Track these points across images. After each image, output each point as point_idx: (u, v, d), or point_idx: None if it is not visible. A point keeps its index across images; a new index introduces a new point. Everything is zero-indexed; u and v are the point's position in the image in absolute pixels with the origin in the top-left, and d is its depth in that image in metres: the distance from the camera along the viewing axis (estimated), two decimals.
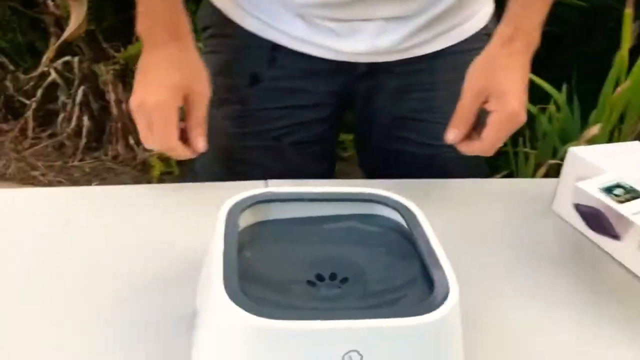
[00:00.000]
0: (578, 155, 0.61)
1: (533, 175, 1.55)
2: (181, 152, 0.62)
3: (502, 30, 0.65)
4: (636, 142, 0.63)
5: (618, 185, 0.54)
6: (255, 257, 0.44)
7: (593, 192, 0.53)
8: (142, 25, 0.63)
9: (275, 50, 0.73)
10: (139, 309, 0.46)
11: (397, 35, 0.71)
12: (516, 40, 0.63)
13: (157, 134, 0.60)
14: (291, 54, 0.73)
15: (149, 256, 0.53)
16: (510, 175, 1.63)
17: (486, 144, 0.62)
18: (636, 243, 0.53)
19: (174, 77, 0.61)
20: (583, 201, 0.59)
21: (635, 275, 0.54)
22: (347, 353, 0.35)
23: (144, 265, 0.51)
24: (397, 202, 0.49)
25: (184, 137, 0.63)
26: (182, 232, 0.57)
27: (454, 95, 0.73)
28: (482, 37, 0.76)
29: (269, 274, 0.43)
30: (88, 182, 1.81)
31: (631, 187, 0.53)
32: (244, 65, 0.75)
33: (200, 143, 0.63)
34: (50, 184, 1.81)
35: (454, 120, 0.64)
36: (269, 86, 0.75)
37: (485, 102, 0.62)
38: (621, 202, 0.52)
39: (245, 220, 0.47)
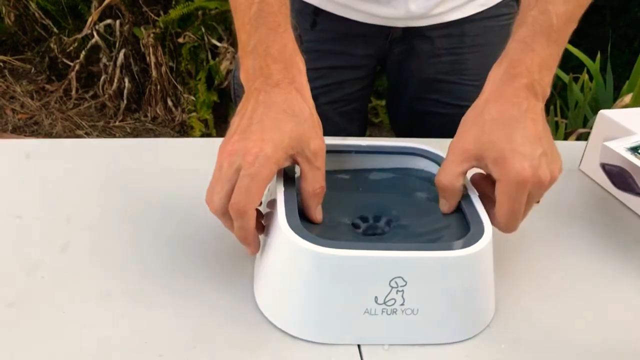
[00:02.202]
0: (608, 117, 0.65)
1: None
2: (251, 241, 0.46)
3: (493, 70, 0.50)
4: None
5: None
6: None
7: (619, 150, 0.57)
8: (252, 62, 0.49)
9: (317, 14, 0.78)
10: (205, 244, 0.52)
11: (430, 1, 0.74)
12: (513, 79, 0.48)
13: (247, 196, 0.43)
14: (331, 18, 0.77)
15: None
16: None
17: (501, 219, 0.46)
18: None
19: (289, 129, 0.45)
20: (609, 160, 0.63)
21: None
22: (393, 279, 0.41)
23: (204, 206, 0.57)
24: (436, 155, 0.53)
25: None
26: None
27: (482, 59, 0.78)
28: (510, 4, 0.80)
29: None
30: None
31: None
32: None
33: (319, 215, 0.47)
34: None
35: (440, 195, 0.49)
36: (310, 48, 0.79)
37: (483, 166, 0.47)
38: None
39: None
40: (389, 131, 0.98)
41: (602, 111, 0.65)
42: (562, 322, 0.47)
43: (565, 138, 1.61)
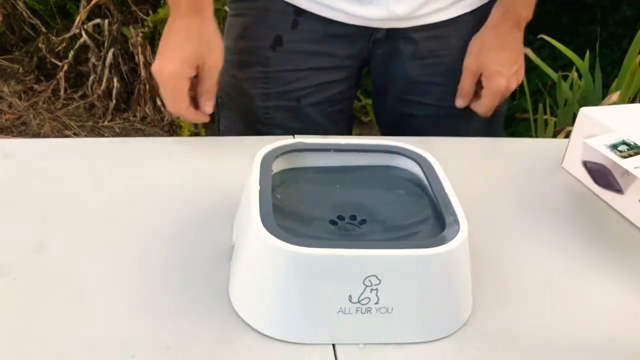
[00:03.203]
0: (589, 114, 0.64)
1: None
2: (191, 117, 0.70)
3: (493, 14, 0.76)
4: None
5: (623, 143, 0.58)
6: (284, 199, 0.50)
7: (599, 147, 0.57)
8: None
9: (298, 14, 0.77)
10: (182, 244, 0.52)
11: (414, 2, 0.74)
12: (504, 22, 0.75)
13: (169, 99, 0.68)
14: (313, 18, 0.76)
15: (189, 198, 0.58)
16: None
17: (481, 110, 0.79)
18: (638, 197, 0.57)
19: (188, 49, 0.67)
20: (590, 158, 0.63)
21: (634, 225, 0.58)
22: (367, 277, 0.40)
23: (186, 206, 0.57)
24: (415, 153, 0.53)
25: (196, 104, 0.71)
26: (219, 177, 0.62)
27: (464, 61, 0.78)
28: (492, 6, 0.79)
29: (296, 213, 0.49)
30: None
31: (635, 144, 0.57)
32: (268, 28, 0.78)
33: (208, 107, 0.71)
34: None
35: (458, 92, 0.80)
36: (291, 49, 0.79)
37: (480, 76, 0.77)
38: (624, 157, 0.55)
39: (277, 166, 0.52)
40: (378, 130, 0.98)
41: (583, 109, 0.65)
42: (540, 320, 0.47)
43: (554, 135, 1.61)
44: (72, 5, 2.03)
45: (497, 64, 0.76)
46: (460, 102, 0.80)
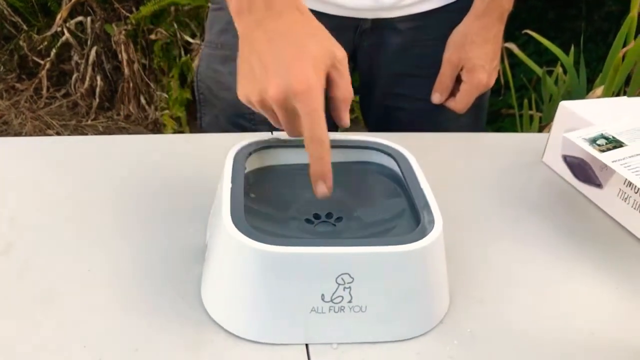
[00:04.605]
0: (568, 108, 0.64)
1: None
2: (329, 173, 0.46)
3: (476, 4, 0.74)
4: (623, 97, 0.66)
5: (602, 136, 0.57)
6: (259, 198, 0.49)
7: (578, 141, 0.57)
8: None
9: None
10: (154, 244, 0.51)
11: None
12: (488, 14, 0.73)
13: (312, 130, 0.44)
14: None
15: (162, 198, 0.57)
16: None
17: (458, 105, 0.75)
18: (616, 191, 0.57)
19: (313, 49, 0.45)
20: (570, 152, 0.62)
21: (614, 220, 0.58)
22: (339, 275, 0.40)
23: (158, 205, 0.56)
24: (391, 149, 0.52)
25: None
26: (198, 175, 0.61)
27: None
28: None
29: (271, 213, 0.48)
30: None
31: (613, 137, 0.57)
32: None
33: (347, 120, 0.49)
34: None
35: (436, 86, 0.76)
36: None
37: (461, 70, 0.74)
38: (603, 151, 0.55)
39: (251, 164, 0.51)
40: (364, 126, 0.98)
41: (562, 102, 0.64)
42: (517, 316, 0.46)
43: (540, 131, 1.62)
44: (54, 3, 2.01)
45: (480, 58, 0.73)
46: (436, 98, 0.76)
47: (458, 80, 0.75)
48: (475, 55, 0.73)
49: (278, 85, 0.43)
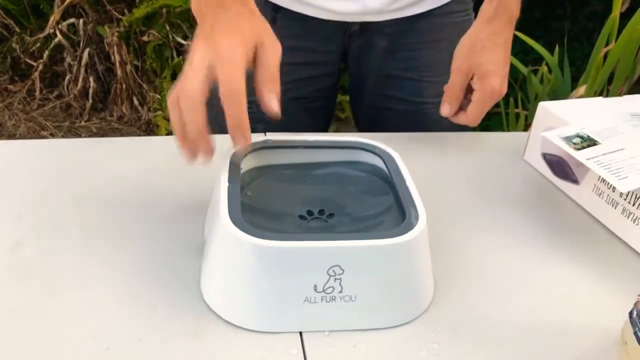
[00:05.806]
0: (546, 108, 0.67)
1: None
2: (246, 129, 0.50)
3: (485, 9, 0.70)
4: (599, 98, 0.70)
5: (577, 135, 0.61)
6: (255, 196, 0.52)
7: (555, 140, 0.60)
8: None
9: (276, 10, 0.79)
10: (154, 240, 0.54)
11: None
12: (498, 18, 0.69)
13: (226, 84, 0.48)
14: (290, 14, 0.78)
15: (165, 196, 0.60)
16: None
17: (471, 117, 0.70)
18: (591, 186, 0.60)
19: (244, 27, 0.51)
20: (549, 150, 0.65)
21: (589, 214, 0.61)
22: (331, 267, 0.43)
23: (157, 204, 0.58)
24: (378, 148, 0.55)
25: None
26: (191, 176, 0.63)
27: (438, 55, 0.80)
28: (465, 0, 0.82)
29: (266, 210, 0.50)
30: None
31: (588, 136, 0.60)
32: None
33: (274, 103, 0.51)
34: None
35: (445, 97, 0.71)
36: None
37: (471, 79, 0.69)
38: (578, 149, 0.58)
39: (247, 164, 0.54)
40: (354, 126, 1.00)
41: (541, 103, 0.68)
42: (498, 304, 0.49)
43: (526, 129, 1.65)
44: (46, 5, 2.02)
45: (492, 63, 0.68)
46: (446, 110, 0.71)
47: (466, 93, 0.72)
48: (487, 60, 0.68)
49: (204, 53, 0.48)
